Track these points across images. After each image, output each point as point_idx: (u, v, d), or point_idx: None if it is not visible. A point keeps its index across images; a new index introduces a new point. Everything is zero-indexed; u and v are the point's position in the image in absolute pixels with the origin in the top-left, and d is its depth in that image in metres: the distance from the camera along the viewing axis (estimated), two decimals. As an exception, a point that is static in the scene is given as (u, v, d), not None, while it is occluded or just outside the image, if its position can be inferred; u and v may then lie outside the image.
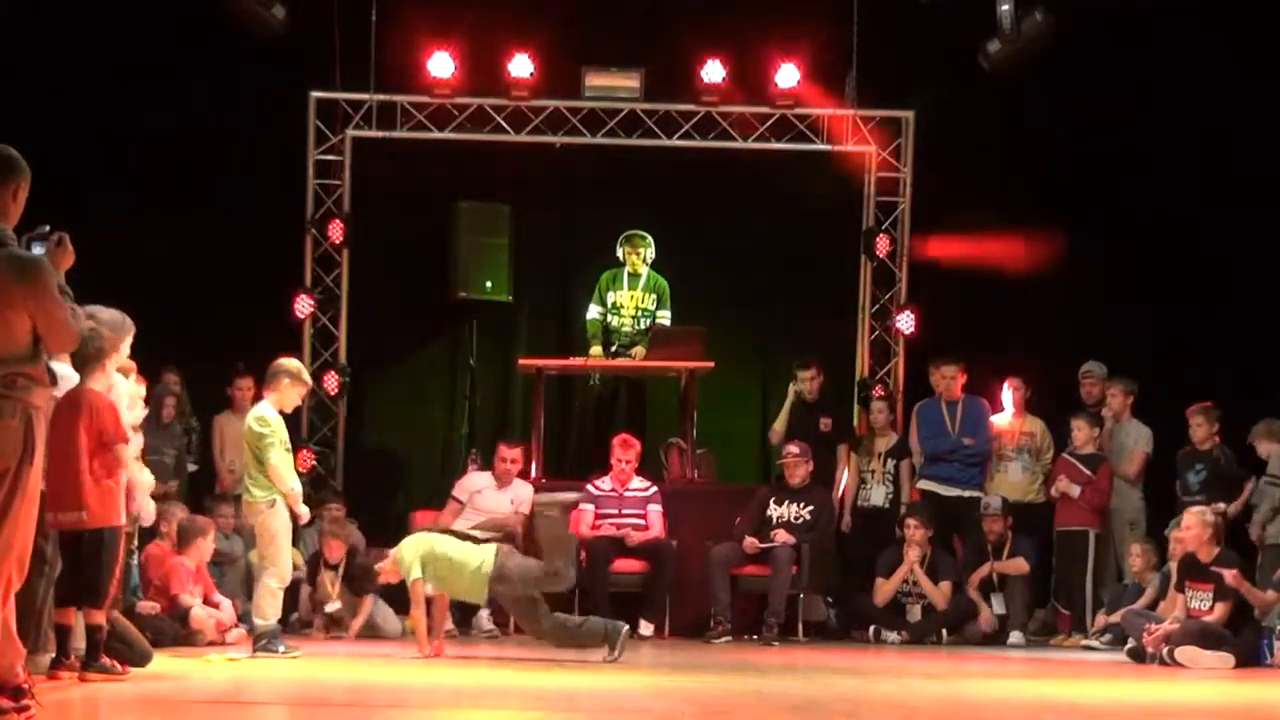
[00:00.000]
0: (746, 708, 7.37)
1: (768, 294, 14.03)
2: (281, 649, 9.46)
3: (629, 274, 13.13)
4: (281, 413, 9.67)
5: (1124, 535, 12.52)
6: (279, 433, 9.50)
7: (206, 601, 10.62)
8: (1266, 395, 12.09)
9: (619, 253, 13.14)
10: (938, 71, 13.67)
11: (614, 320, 13.11)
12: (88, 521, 7.85)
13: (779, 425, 13.00)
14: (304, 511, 9.73)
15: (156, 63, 13.02)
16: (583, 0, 13.65)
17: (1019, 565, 12.30)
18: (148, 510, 9.14)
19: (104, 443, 7.91)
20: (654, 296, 13.12)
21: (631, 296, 13.11)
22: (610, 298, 13.12)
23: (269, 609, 9.50)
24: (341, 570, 11.76)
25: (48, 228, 6.27)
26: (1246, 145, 13.27)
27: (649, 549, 12.09)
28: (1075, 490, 12.43)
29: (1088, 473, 12.46)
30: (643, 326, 13.08)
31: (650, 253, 13.13)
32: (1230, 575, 10.50)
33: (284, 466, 9.49)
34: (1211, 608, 10.57)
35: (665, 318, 13.11)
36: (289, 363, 9.71)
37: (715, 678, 8.88)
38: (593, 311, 13.14)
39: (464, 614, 11.88)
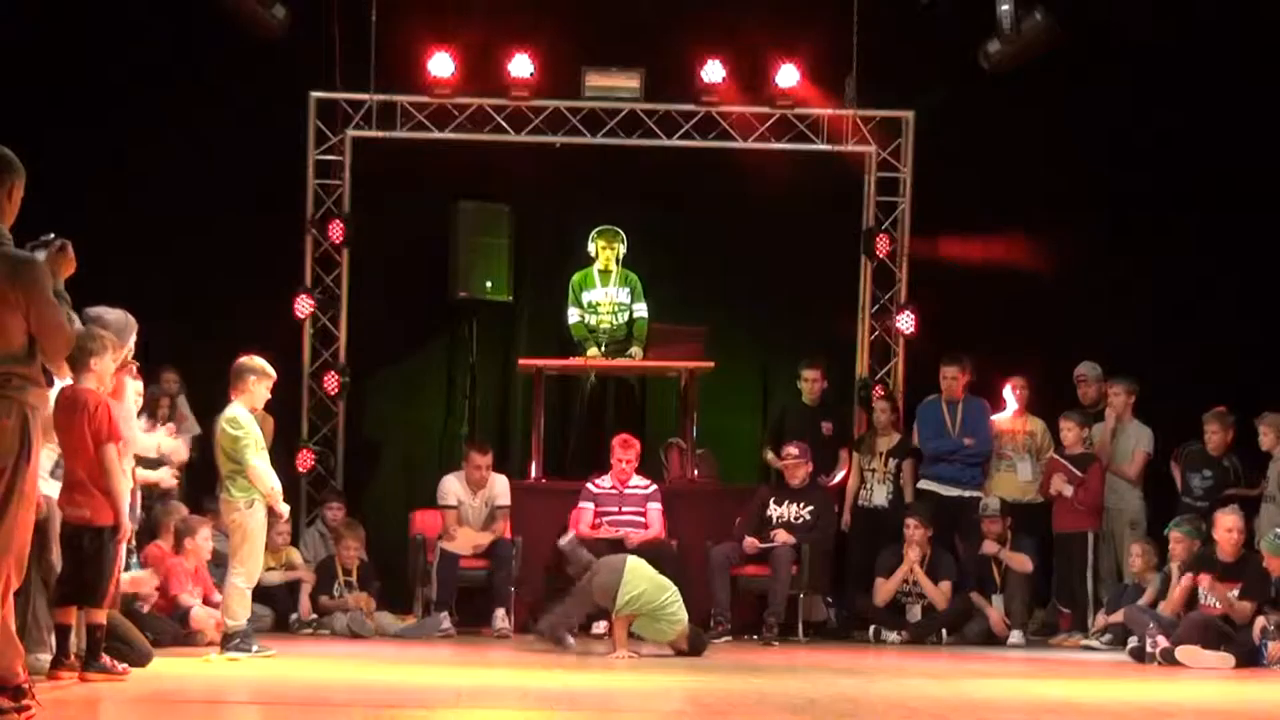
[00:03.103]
0: (746, 708, 7.37)
1: (768, 294, 14.01)
2: (254, 649, 9.46)
3: (600, 271, 13.13)
4: (253, 411, 9.67)
5: (1124, 535, 12.50)
6: (252, 433, 9.51)
7: (206, 602, 10.61)
8: (1267, 394, 12.08)
9: (591, 249, 13.14)
10: (938, 71, 13.67)
11: (592, 319, 13.10)
12: (91, 519, 7.90)
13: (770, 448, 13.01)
14: (284, 509, 9.80)
15: (157, 62, 13.02)
16: (583, 0, 13.65)
17: (1023, 562, 12.29)
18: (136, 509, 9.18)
19: (98, 442, 7.93)
20: (627, 290, 13.12)
21: (606, 293, 13.11)
22: (586, 297, 13.12)
23: (239, 609, 9.50)
24: (356, 575, 11.94)
25: (52, 235, 6.28)
26: (1246, 144, 13.27)
27: (649, 549, 12.06)
28: (1069, 490, 12.43)
29: (1078, 474, 12.46)
30: (621, 321, 13.08)
31: (623, 248, 13.12)
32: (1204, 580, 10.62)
33: (262, 466, 9.50)
34: (1233, 606, 10.57)
35: (641, 310, 13.10)
36: (252, 360, 9.65)
37: (715, 678, 8.88)
38: (572, 315, 13.14)
39: (479, 615, 11.96)
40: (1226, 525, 10.81)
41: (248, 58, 13.02)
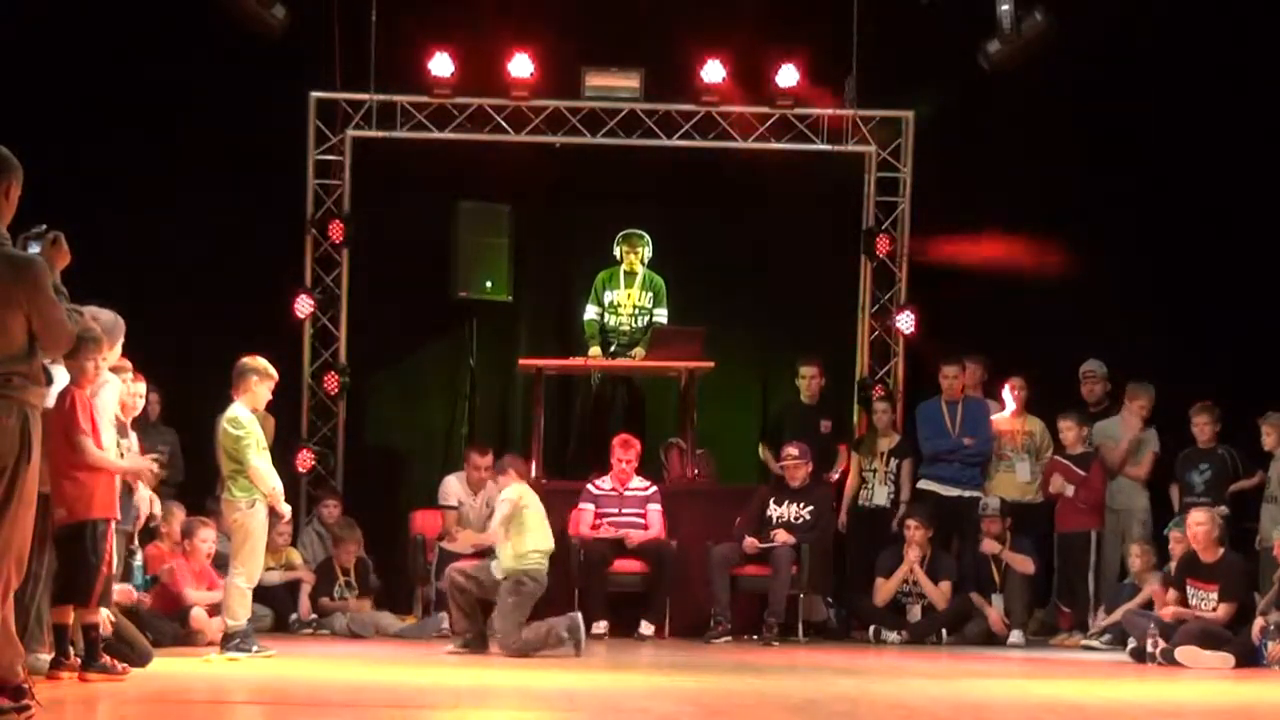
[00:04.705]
0: (746, 708, 7.37)
1: (768, 294, 14.01)
2: (254, 649, 9.46)
3: (625, 273, 13.15)
4: (254, 411, 9.67)
5: (1133, 535, 12.48)
6: (254, 432, 9.52)
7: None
8: (1269, 394, 12.08)
9: (616, 252, 13.16)
10: (938, 71, 13.67)
11: (612, 319, 13.14)
12: (65, 518, 7.87)
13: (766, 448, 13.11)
14: (286, 510, 9.81)
15: (157, 62, 13.01)
16: (583, 0, 13.65)
17: (1024, 562, 12.28)
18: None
19: (67, 436, 7.92)
20: (650, 295, 13.14)
21: (629, 295, 13.14)
22: (607, 297, 13.15)
23: (239, 609, 9.50)
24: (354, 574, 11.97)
25: (44, 227, 6.28)
26: (1247, 143, 13.26)
27: (649, 549, 12.08)
28: (1070, 490, 12.43)
29: (1081, 472, 12.46)
30: (641, 324, 13.11)
31: (648, 252, 13.16)
32: None
33: (264, 466, 9.51)
34: (1215, 608, 10.58)
35: (662, 315, 13.13)
36: (254, 361, 9.68)
37: (715, 678, 8.89)
38: (590, 312, 13.16)
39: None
40: (1190, 520, 10.83)
41: (248, 58, 13.02)
